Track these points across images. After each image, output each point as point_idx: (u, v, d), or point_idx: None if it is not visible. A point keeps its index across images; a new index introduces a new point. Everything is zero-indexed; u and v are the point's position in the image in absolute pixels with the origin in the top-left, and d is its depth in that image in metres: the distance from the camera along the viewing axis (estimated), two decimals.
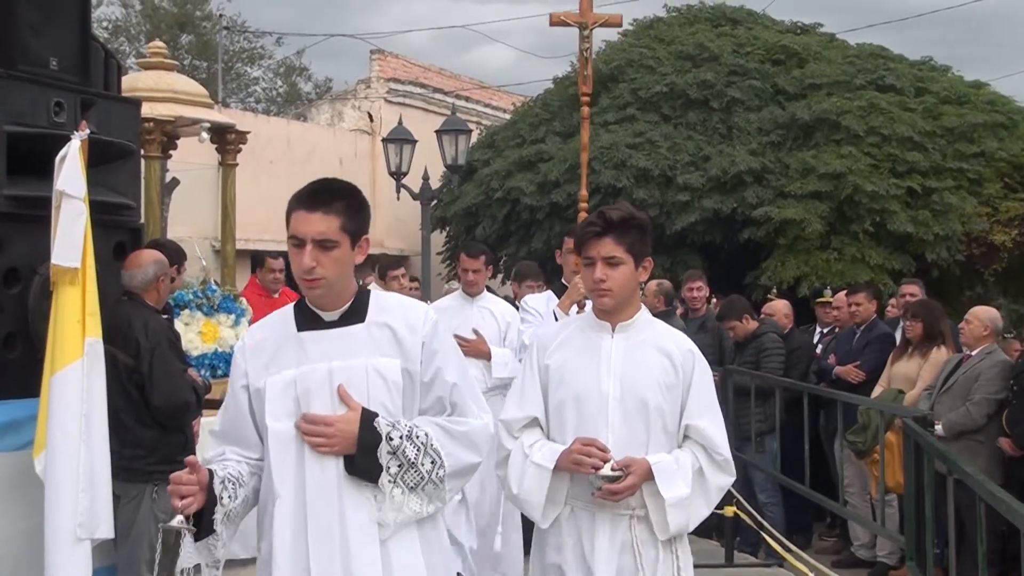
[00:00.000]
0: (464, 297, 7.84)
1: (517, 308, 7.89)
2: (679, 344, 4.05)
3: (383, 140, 19.15)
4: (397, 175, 17.93)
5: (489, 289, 8.34)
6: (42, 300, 5.17)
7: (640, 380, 3.93)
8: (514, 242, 18.58)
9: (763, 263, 16.34)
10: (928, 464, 7.02)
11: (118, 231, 6.06)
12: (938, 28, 50.50)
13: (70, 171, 4.85)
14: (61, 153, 4.88)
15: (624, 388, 3.92)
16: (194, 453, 6.26)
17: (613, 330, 4.03)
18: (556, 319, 6.68)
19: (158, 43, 10.71)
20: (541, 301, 7.42)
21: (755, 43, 18.69)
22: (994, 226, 16.28)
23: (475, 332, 7.45)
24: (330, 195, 3.55)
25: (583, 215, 4.75)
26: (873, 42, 19.61)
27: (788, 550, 8.44)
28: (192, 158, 13.78)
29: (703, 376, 4.02)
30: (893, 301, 11.22)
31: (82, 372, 4.82)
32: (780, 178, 16.60)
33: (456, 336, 6.45)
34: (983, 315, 8.48)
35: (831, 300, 11.28)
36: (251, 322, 9.49)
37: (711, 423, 3.98)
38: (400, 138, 17.99)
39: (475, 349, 7.29)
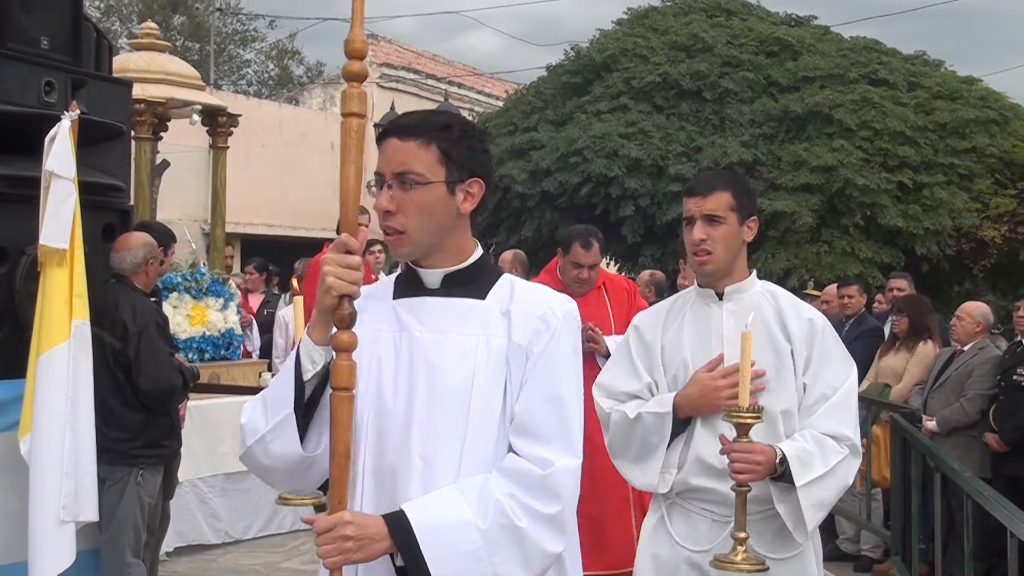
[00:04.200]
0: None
1: None
2: None
3: (375, 125, 19.11)
4: None
5: None
6: (29, 281, 5.15)
7: None
8: (504, 230, 18.55)
9: (753, 255, 16.32)
10: (915, 459, 7.04)
11: (107, 212, 6.03)
12: (930, 23, 50.57)
13: (60, 151, 4.83)
14: (51, 133, 4.86)
15: None
16: (179, 438, 6.25)
17: None
18: None
19: (150, 24, 10.70)
20: None
21: (749, 34, 18.67)
22: (984, 222, 16.31)
23: None
24: None
25: None
26: (867, 35, 19.62)
27: None
28: (183, 140, 13.74)
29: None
30: (880, 296, 11.23)
31: (69, 354, 4.80)
32: (772, 170, 16.60)
33: None
34: (975, 311, 8.48)
35: (815, 293, 11.29)
36: (240, 307, 9.46)
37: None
38: None
39: None
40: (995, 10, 58.22)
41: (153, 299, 6.23)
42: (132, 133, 7.26)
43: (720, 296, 3.78)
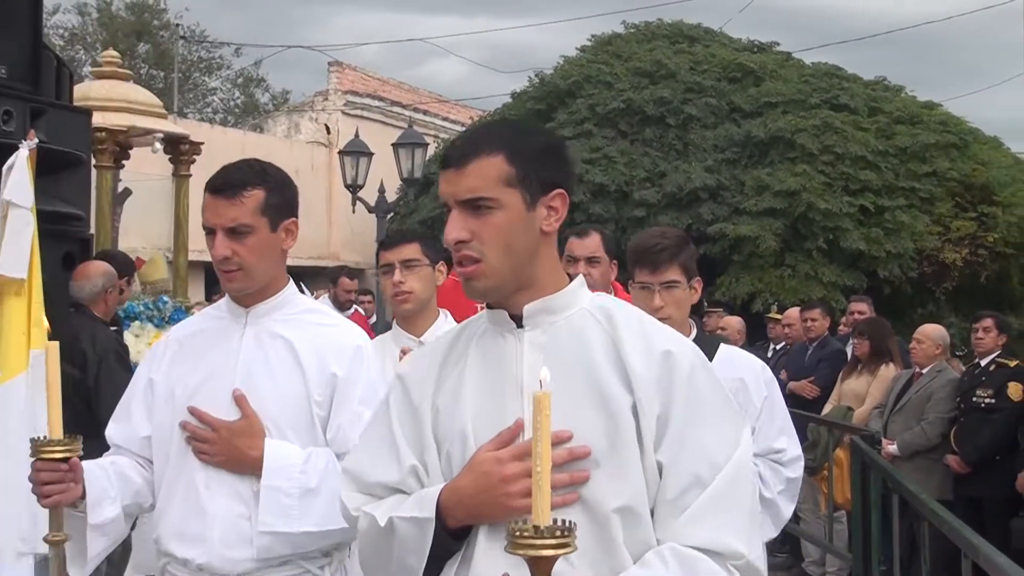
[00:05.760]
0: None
1: None
2: None
3: (339, 152, 19.11)
4: (353, 188, 17.89)
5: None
6: None
7: None
8: None
9: (717, 279, 16.42)
10: (874, 482, 7.08)
11: (67, 241, 6.01)
12: (890, 49, 51.13)
13: (17, 180, 4.81)
14: (8, 162, 4.84)
15: None
16: None
17: None
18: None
19: (112, 52, 10.69)
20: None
21: (712, 61, 18.80)
22: (945, 245, 16.46)
23: None
24: None
25: None
26: (828, 61, 19.81)
27: None
28: (146, 168, 13.70)
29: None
30: (844, 319, 11.32)
31: (27, 385, 4.76)
32: (735, 195, 16.70)
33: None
34: (934, 334, 8.56)
35: (777, 317, 11.37)
36: None
37: None
38: (356, 151, 17.97)
39: None
40: (952, 37, 58.94)
41: (113, 328, 6.22)
42: (93, 161, 7.25)
43: (518, 321, 2.30)
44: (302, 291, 10.75)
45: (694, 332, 3.73)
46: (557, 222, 2.31)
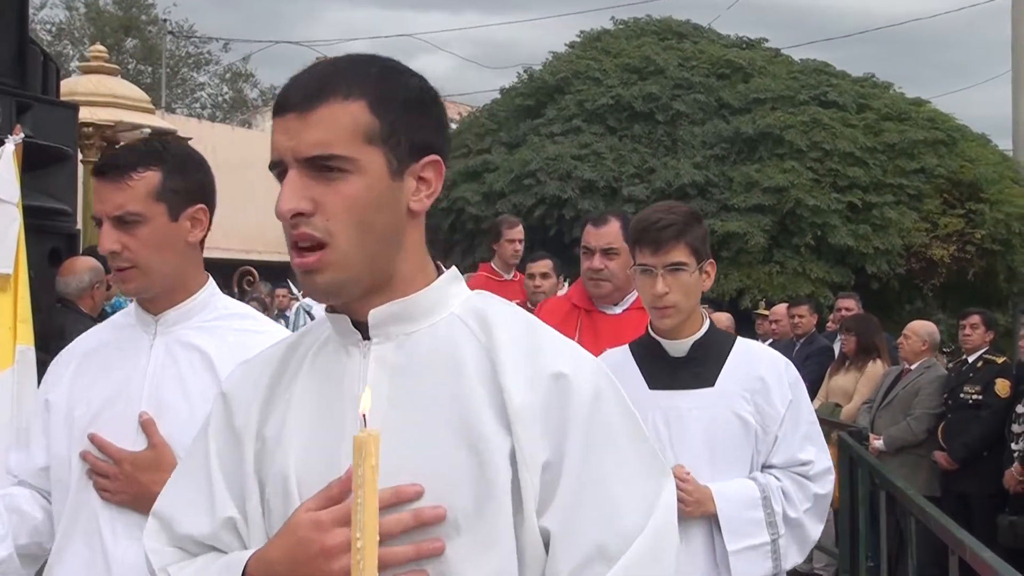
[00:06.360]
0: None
1: None
2: None
3: None
4: None
5: None
6: None
7: None
8: (458, 252, 18.56)
9: None
10: (862, 478, 7.09)
11: (53, 237, 6.00)
12: (878, 46, 51.27)
13: (3, 175, 4.79)
14: None
15: None
16: None
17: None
18: None
19: (99, 47, 10.66)
20: None
21: (700, 57, 18.82)
22: (933, 241, 16.50)
23: None
24: None
25: None
26: (817, 58, 19.85)
27: None
28: None
29: None
30: (832, 316, 11.35)
31: (13, 380, 4.74)
32: (724, 191, 16.73)
33: None
34: (921, 330, 8.59)
35: (766, 313, 11.40)
36: None
37: None
38: None
39: None
40: (940, 35, 59.18)
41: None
42: (80, 156, 7.23)
43: (363, 331, 1.72)
44: (292, 292, 10.62)
45: (706, 325, 3.29)
46: (429, 199, 1.70)
